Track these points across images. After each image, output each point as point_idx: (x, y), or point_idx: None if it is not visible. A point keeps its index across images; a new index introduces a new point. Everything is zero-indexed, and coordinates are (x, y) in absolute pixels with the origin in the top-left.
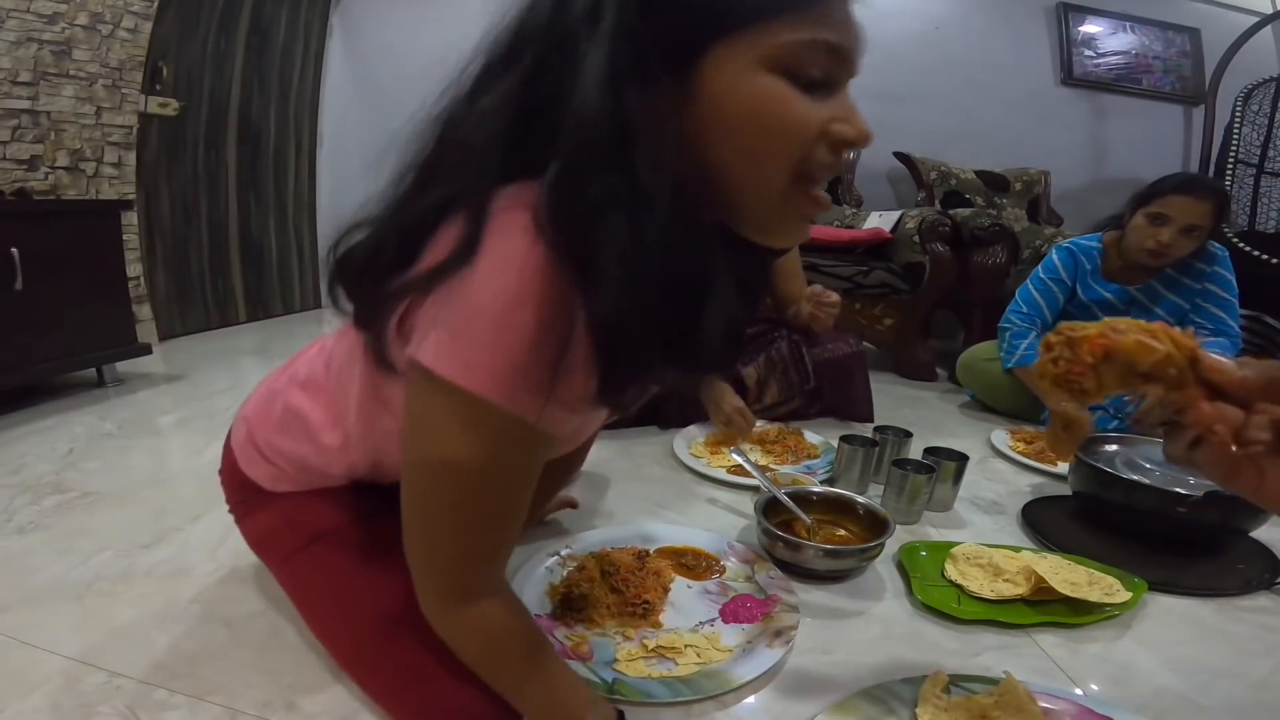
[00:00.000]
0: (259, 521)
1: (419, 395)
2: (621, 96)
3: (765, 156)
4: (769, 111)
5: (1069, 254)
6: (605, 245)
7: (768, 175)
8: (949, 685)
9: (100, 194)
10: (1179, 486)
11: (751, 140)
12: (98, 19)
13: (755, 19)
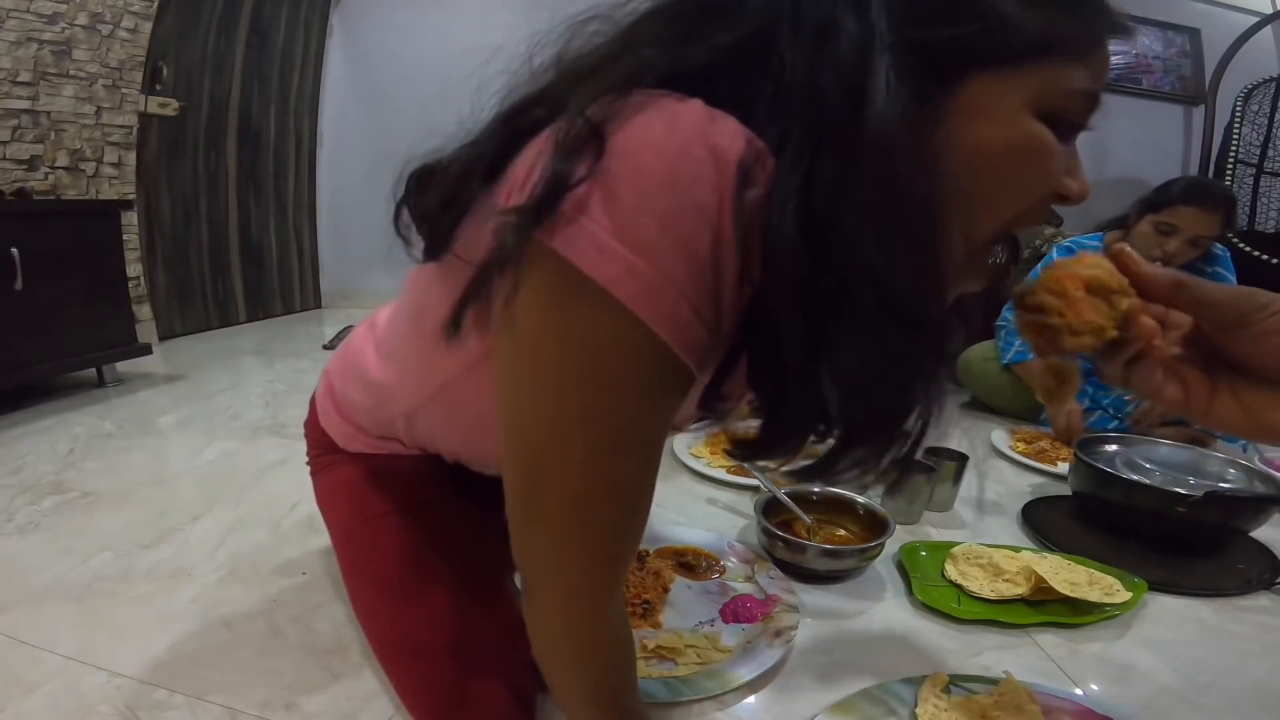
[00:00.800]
0: (329, 480)
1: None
2: (870, 93)
3: (1000, 205)
4: (1030, 161)
5: (1069, 253)
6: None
7: (989, 224)
8: (949, 685)
9: (100, 194)
10: (1179, 486)
11: (991, 185)
12: (98, 19)
13: (1036, 57)
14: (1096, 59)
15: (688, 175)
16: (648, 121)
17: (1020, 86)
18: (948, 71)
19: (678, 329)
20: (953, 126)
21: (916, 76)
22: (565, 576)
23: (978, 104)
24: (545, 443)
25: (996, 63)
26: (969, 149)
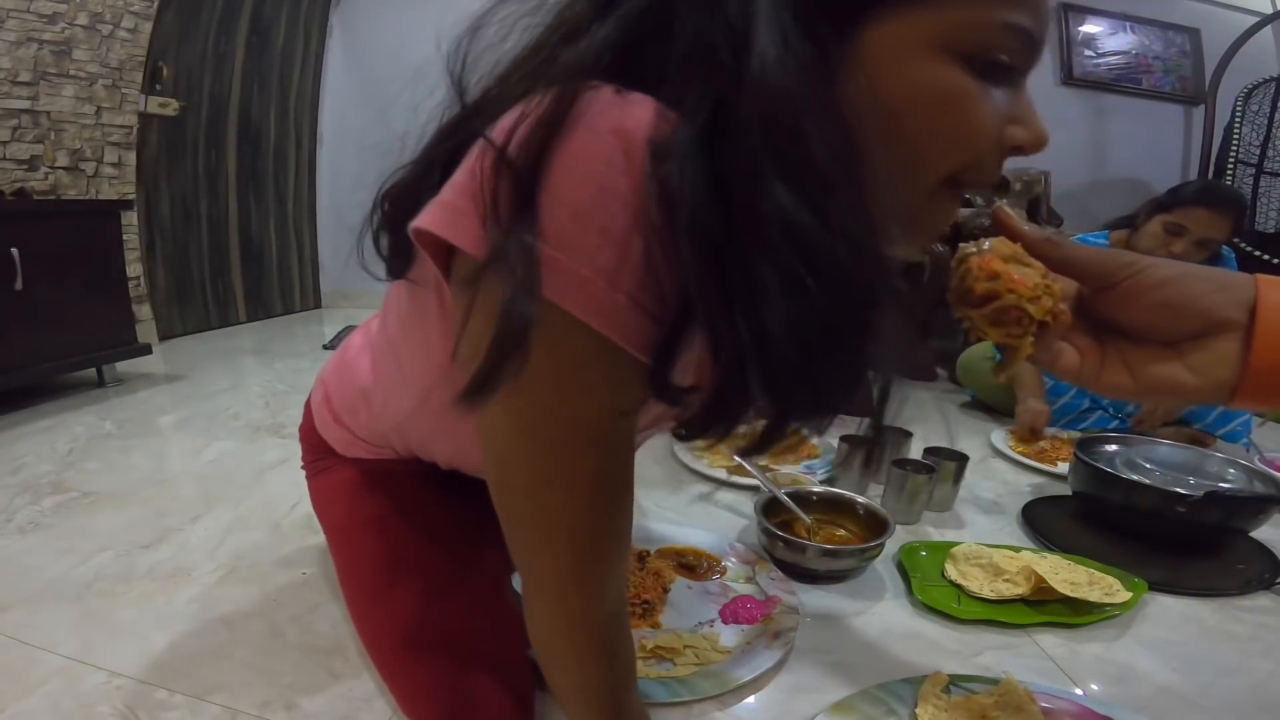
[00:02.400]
0: (325, 483)
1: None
2: (758, 49)
3: (926, 157)
4: (946, 110)
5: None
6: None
7: (920, 177)
8: (949, 685)
9: (100, 194)
10: (1179, 486)
11: (914, 136)
12: (98, 19)
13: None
14: None
15: (598, 162)
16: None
17: (928, 27)
18: (844, 17)
19: (611, 318)
20: (860, 77)
21: (811, 27)
22: (551, 576)
23: (883, 50)
24: (505, 443)
25: (899, 2)
26: (880, 100)
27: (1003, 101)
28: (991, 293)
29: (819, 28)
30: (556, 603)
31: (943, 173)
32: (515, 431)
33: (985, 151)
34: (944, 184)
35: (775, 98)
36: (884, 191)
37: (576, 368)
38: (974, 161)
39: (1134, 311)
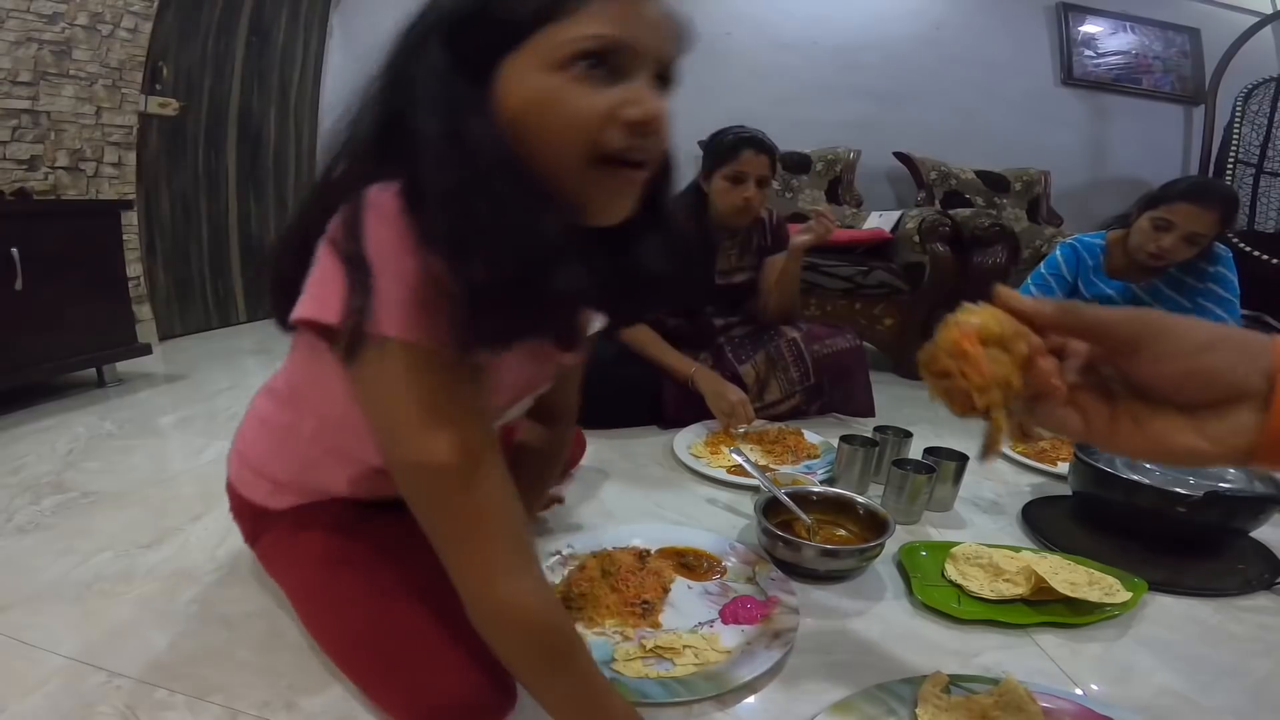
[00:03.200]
0: (268, 542)
1: (361, 366)
2: (441, 109)
3: (553, 144)
4: (548, 107)
5: (1072, 250)
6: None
7: (562, 159)
8: (949, 685)
9: (100, 194)
10: (1179, 486)
11: (538, 132)
12: (98, 19)
13: (533, 29)
14: (596, 12)
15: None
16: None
17: (533, 53)
18: (484, 69)
19: (408, 327)
20: (504, 103)
21: (465, 86)
22: (460, 562)
23: (510, 78)
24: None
25: (510, 47)
26: (516, 113)
27: (613, 91)
28: (947, 370)
29: (473, 83)
30: (480, 587)
31: (574, 151)
32: (382, 431)
33: (596, 128)
34: (593, 160)
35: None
36: (555, 180)
37: (413, 372)
38: (592, 136)
39: (1159, 376)
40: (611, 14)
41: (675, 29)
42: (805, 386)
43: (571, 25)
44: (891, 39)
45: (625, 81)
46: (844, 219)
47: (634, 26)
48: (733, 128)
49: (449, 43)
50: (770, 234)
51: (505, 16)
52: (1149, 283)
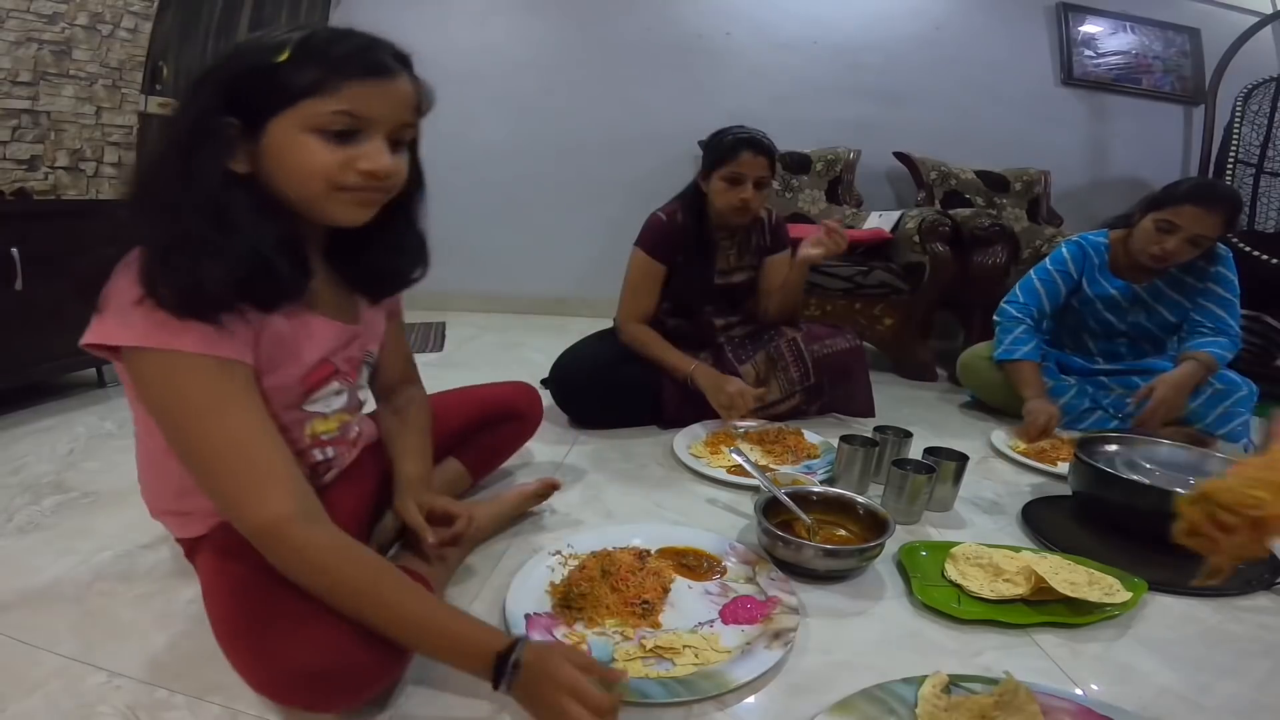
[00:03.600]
0: (198, 560)
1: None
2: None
3: (303, 180)
4: (295, 159)
5: (1079, 248)
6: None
7: (309, 189)
8: (949, 685)
9: (100, 194)
10: (1179, 486)
11: (290, 172)
12: (98, 19)
13: (293, 101)
14: (342, 92)
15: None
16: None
17: (294, 117)
18: (258, 125)
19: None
20: (269, 147)
21: (216, 131)
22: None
23: (275, 134)
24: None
25: (282, 109)
26: (278, 155)
27: (353, 147)
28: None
29: (244, 139)
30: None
31: (317, 188)
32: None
33: (333, 172)
34: (333, 190)
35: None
36: (300, 204)
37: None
38: (332, 179)
39: None
40: (356, 95)
41: (410, 103)
42: (805, 386)
43: (328, 101)
44: (891, 39)
45: (363, 137)
46: (844, 219)
47: (371, 105)
48: (732, 128)
49: (226, 94)
50: (769, 233)
51: (284, 83)
52: (1150, 282)
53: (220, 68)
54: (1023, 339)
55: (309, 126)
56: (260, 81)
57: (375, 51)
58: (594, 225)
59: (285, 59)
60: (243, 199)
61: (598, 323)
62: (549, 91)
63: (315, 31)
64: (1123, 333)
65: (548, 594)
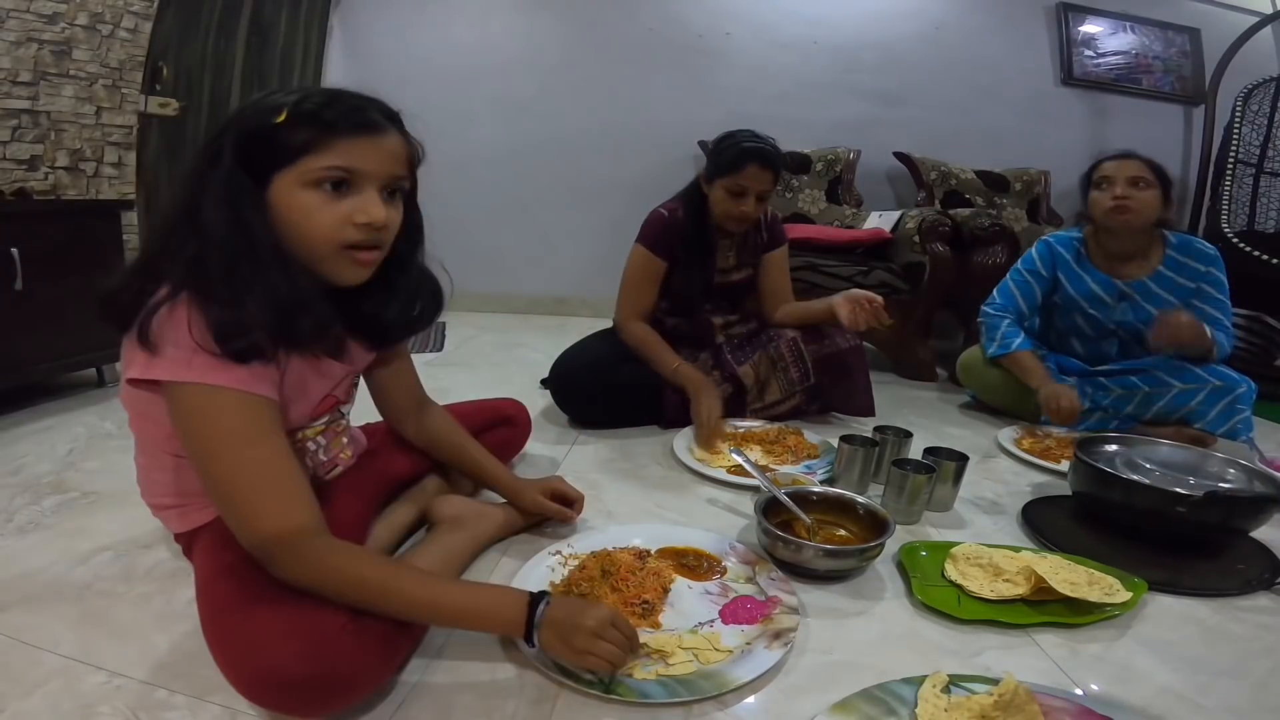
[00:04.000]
0: (194, 558)
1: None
2: (227, 210)
3: (308, 238)
4: (301, 217)
5: (1046, 247)
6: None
7: (314, 250)
8: (949, 685)
9: (100, 194)
10: (1179, 486)
11: (297, 230)
12: (98, 19)
13: (292, 160)
14: (336, 149)
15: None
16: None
17: (295, 174)
18: (264, 180)
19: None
20: (274, 206)
21: (244, 190)
22: (267, 545)
23: (279, 189)
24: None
25: (283, 166)
26: (282, 216)
27: (350, 200)
28: None
29: (252, 190)
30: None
31: (323, 245)
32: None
33: (336, 229)
34: (338, 249)
35: (225, 240)
36: (305, 258)
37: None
38: (335, 235)
39: None
40: (349, 150)
41: (400, 156)
42: (805, 386)
43: (323, 157)
44: (891, 39)
45: (358, 190)
46: (844, 219)
47: (363, 159)
48: (741, 134)
49: (238, 152)
50: (766, 230)
51: (282, 143)
52: (1138, 281)
53: (229, 128)
54: (1011, 332)
55: (306, 182)
56: (263, 141)
57: (364, 110)
58: (594, 225)
59: (283, 120)
60: (278, 249)
61: (598, 323)
62: (549, 91)
63: (309, 95)
64: (1112, 332)
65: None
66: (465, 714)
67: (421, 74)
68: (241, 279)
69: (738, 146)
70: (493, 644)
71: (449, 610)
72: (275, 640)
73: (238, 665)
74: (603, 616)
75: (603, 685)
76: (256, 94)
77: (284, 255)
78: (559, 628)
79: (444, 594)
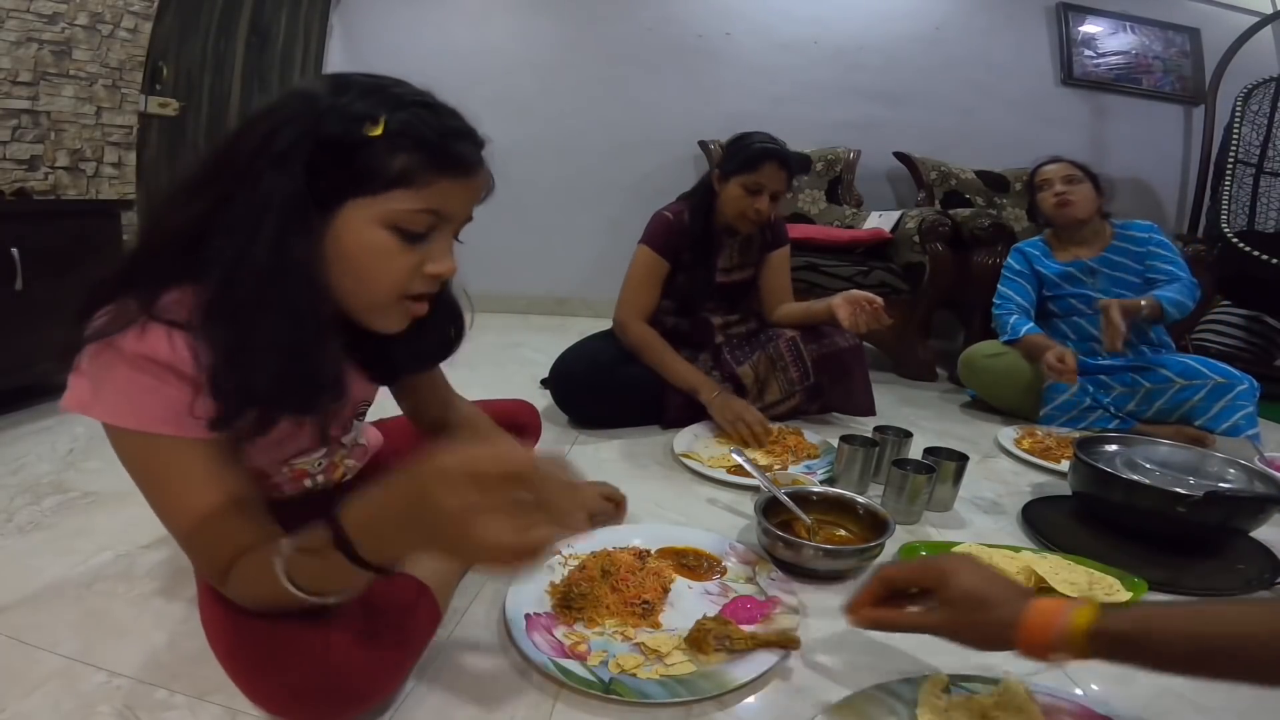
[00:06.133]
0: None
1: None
2: (280, 226)
3: (370, 286)
4: (369, 259)
5: (1019, 253)
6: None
7: (373, 298)
8: (949, 685)
9: (100, 194)
10: (1179, 486)
11: (359, 274)
12: (98, 19)
13: (381, 189)
14: (433, 188)
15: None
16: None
17: (371, 209)
18: (333, 202)
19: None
20: (336, 235)
21: (304, 212)
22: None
23: (347, 222)
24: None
25: (359, 193)
26: (344, 251)
27: (423, 248)
28: None
29: (309, 215)
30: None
31: (386, 294)
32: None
33: (405, 280)
34: (398, 299)
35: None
36: (352, 304)
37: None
38: (404, 285)
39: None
40: (446, 191)
41: (486, 193)
42: (805, 386)
43: (417, 196)
44: (891, 39)
45: (435, 236)
46: (844, 219)
47: (454, 203)
48: (757, 135)
49: (310, 165)
50: (769, 229)
51: (369, 166)
52: (1100, 256)
53: (295, 127)
54: (1019, 321)
55: (388, 221)
56: (345, 155)
57: (468, 142)
58: (594, 225)
59: (379, 134)
60: (321, 302)
61: (598, 323)
62: (549, 91)
63: (403, 100)
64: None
65: (547, 594)
66: (465, 714)
67: (421, 74)
68: (264, 335)
69: (756, 145)
70: (493, 644)
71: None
72: (288, 651)
73: (250, 676)
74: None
75: (603, 685)
76: (320, 78)
77: (323, 311)
78: (401, 527)
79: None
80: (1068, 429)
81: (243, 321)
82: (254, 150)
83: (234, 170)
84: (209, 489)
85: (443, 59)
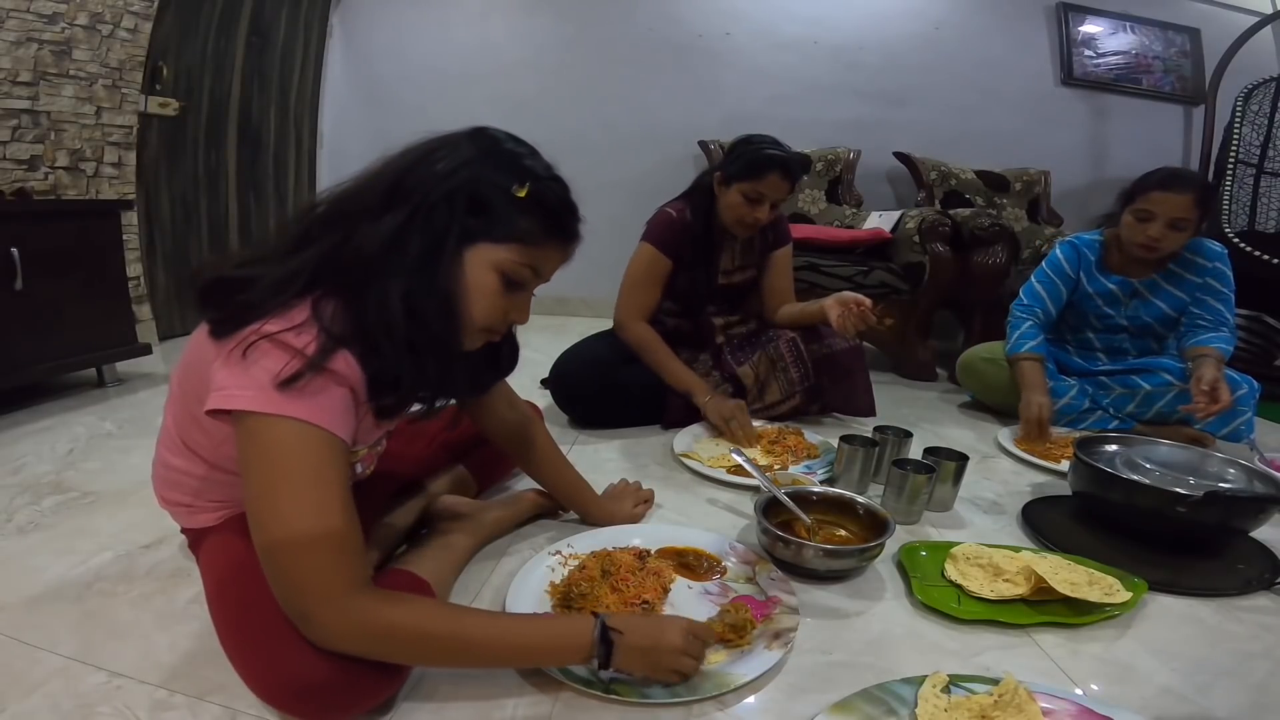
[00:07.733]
0: (201, 556)
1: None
2: (442, 255)
3: (469, 315)
4: (476, 295)
5: (1072, 248)
6: (393, 338)
7: (466, 325)
8: (949, 685)
9: (100, 194)
10: (1179, 486)
11: (470, 304)
12: (98, 19)
13: (502, 239)
14: (541, 252)
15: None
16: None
17: (492, 254)
18: (458, 246)
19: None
20: (465, 267)
21: (447, 245)
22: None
23: (471, 260)
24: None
25: (486, 239)
26: (465, 279)
27: (514, 298)
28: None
29: (456, 246)
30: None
31: (479, 324)
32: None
33: (495, 319)
34: (482, 330)
35: (425, 289)
36: (467, 319)
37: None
38: (492, 323)
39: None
40: (549, 256)
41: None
42: (805, 387)
43: (531, 253)
44: (891, 39)
45: (523, 292)
46: (844, 219)
47: (550, 266)
48: (763, 141)
49: (470, 209)
50: (771, 228)
51: (504, 217)
52: (1148, 277)
53: (468, 171)
54: (1029, 334)
55: (500, 267)
56: (491, 204)
57: (575, 219)
58: (594, 225)
59: (523, 195)
60: (456, 310)
61: (598, 323)
62: (549, 91)
63: (548, 178)
64: (1123, 327)
65: (547, 594)
66: (465, 714)
67: (421, 74)
68: (430, 332)
69: (762, 153)
70: None
71: (517, 649)
72: (296, 646)
73: (258, 672)
74: (683, 628)
75: (602, 685)
76: (494, 138)
77: (459, 316)
78: (644, 654)
79: (510, 633)
80: (1067, 430)
81: (416, 327)
82: (429, 183)
83: (408, 197)
84: (349, 501)
85: (443, 59)
